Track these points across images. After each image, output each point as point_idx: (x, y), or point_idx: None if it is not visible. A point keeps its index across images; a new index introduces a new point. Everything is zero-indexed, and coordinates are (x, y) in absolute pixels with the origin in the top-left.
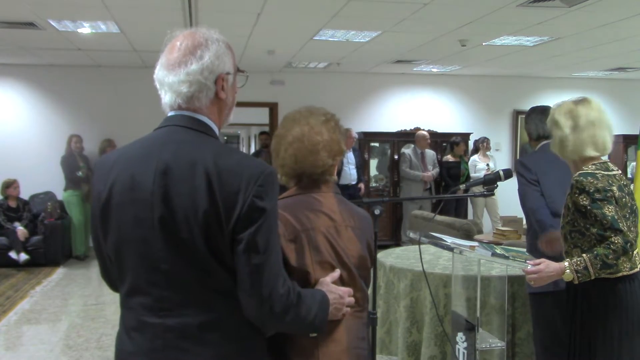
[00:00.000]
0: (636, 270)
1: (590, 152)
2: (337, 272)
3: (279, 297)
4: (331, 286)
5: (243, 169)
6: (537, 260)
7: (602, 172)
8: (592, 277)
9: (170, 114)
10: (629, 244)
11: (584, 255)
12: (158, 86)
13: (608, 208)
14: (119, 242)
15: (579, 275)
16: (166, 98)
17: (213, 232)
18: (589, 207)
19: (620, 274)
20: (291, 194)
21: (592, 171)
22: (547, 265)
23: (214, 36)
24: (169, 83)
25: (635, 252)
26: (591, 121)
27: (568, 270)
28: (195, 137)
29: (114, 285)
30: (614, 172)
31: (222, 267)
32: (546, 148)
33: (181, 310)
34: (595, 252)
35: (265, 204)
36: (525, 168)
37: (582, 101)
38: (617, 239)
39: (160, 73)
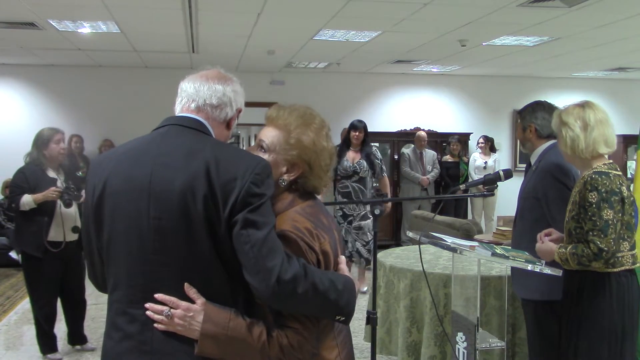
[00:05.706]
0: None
1: (603, 149)
2: (343, 257)
3: (284, 266)
4: (351, 274)
5: (240, 159)
6: (546, 231)
7: (614, 172)
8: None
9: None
10: (603, 252)
11: (568, 249)
12: (185, 93)
13: (607, 212)
14: (112, 232)
15: (563, 262)
16: (192, 105)
17: (212, 218)
18: (593, 205)
19: (622, 268)
20: (310, 205)
21: (606, 170)
22: (545, 244)
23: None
24: (204, 92)
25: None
26: (599, 120)
27: (556, 254)
28: (194, 134)
29: (101, 285)
30: (620, 172)
31: (219, 258)
32: (557, 148)
33: None
34: (575, 250)
35: (262, 190)
36: (564, 174)
37: (586, 104)
38: (594, 244)
39: (191, 85)
